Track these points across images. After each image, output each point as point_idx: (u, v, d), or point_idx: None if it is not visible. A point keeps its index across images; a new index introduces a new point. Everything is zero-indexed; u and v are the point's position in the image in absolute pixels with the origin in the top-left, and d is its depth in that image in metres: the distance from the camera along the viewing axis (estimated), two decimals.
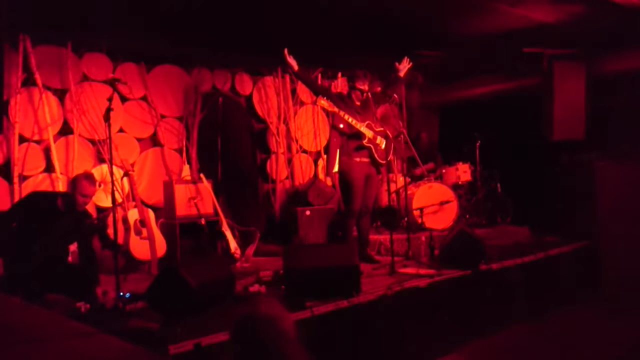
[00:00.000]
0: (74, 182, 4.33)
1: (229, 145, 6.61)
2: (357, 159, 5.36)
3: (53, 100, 5.71)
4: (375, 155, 5.41)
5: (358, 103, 5.41)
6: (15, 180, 5.40)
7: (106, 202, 5.76)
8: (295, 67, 5.24)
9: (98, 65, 6.01)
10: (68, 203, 4.28)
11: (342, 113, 5.19)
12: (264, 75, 7.30)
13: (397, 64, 5.62)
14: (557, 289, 5.41)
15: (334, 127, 6.53)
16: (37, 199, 4.38)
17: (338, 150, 5.67)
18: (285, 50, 5.19)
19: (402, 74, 5.61)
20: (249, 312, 2.01)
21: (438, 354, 4.15)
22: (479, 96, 7.92)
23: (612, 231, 6.05)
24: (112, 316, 3.71)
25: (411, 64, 5.63)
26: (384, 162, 5.51)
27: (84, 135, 5.87)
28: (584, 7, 5.70)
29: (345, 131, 5.37)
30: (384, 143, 5.47)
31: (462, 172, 6.99)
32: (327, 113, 7.43)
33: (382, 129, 5.50)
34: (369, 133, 5.34)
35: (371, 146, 5.38)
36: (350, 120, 5.23)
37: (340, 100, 5.33)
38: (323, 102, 5.10)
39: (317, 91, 5.47)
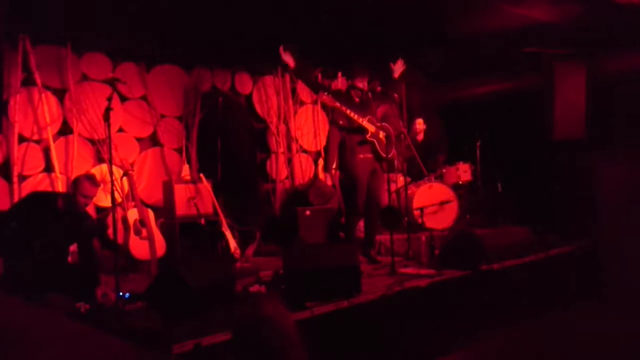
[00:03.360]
0: (75, 183, 4.33)
1: (229, 145, 6.61)
2: (361, 156, 5.33)
3: (52, 99, 5.70)
4: (379, 150, 5.38)
5: (357, 100, 5.39)
6: (15, 180, 5.40)
7: (106, 202, 5.75)
8: (292, 64, 5.19)
9: (98, 64, 6.00)
10: (68, 203, 4.27)
11: (343, 108, 5.17)
12: (264, 75, 7.29)
13: (391, 64, 5.59)
14: (558, 289, 5.40)
15: (333, 122, 6.43)
16: (37, 199, 4.38)
17: (337, 148, 5.63)
18: (281, 48, 5.13)
19: (396, 75, 5.58)
20: (252, 312, 2.00)
21: (438, 354, 4.15)
22: (479, 96, 7.92)
23: (612, 231, 6.04)
24: (112, 316, 3.70)
25: (405, 66, 5.59)
26: (388, 156, 5.47)
27: (84, 134, 5.87)
28: (584, 7, 5.70)
29: (346, 126, 5.33)
30: (386, 137, 5.45)
31: (463, 171, 6.97)
32: (327, 111, 7.42)
33: (382, 123, 5.48)
34: (371, 127, 5.32)
35: (374, 141, 5.35)
36: (351, 114, 5.20)
37: (340, 96, 5.31)
38: (324, 97, 5.07)
39: (317, 87, 5.44)
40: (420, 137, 7.41)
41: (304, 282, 3.97)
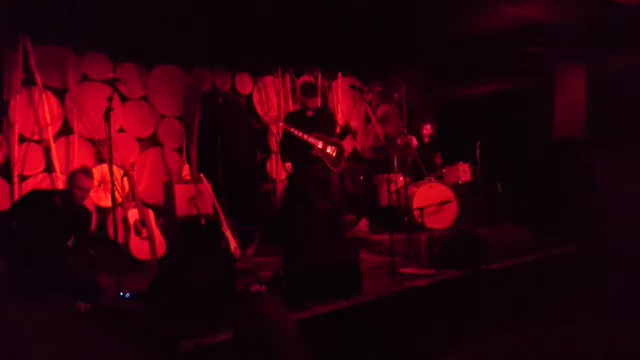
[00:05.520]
0: (70, 178, 4.35)
1: (229, 145, 6.61)
2: (306, 166, 5.63)
3: (53, 100, 5.71)
4: (327, 164, 5.66)
5: (310, 114, 5.68)
6: (15, 180, 5.40)
7: (106, 202, 5.76)
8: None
9: (98, 65, 6.01)
10: (66, 200, 4.28)
11: (291, 129, 5.52)
12: (264, 75, 7.29)
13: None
14: (557, 289, 5.40)
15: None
16: (36, 197, 4.39)
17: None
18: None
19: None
20: (253, 312, 2.01)
21: (438, 354, 4.15)
22: (479, 95, 7.92)
23: (612, 231, 6.04)
24: (112, 316, 3.70)
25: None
26: (337, 169, 5.75)
27: (84, 135, 5.87)
28: (584, 7, 5.70)
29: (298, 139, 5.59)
30: (336, 152, 5.68)
31: (463, 171, 6.97)
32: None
33: (334, 138, 5.72)
34: (317, 143, 5.57)
35: (320, 156, 5.61)
36: (298, 134, 5.51)
37: (294, 118, 5.68)
38: (281, 125, 5.62)
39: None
40: (426, 140, 7.43)
41: (304, 282, 3.97)
